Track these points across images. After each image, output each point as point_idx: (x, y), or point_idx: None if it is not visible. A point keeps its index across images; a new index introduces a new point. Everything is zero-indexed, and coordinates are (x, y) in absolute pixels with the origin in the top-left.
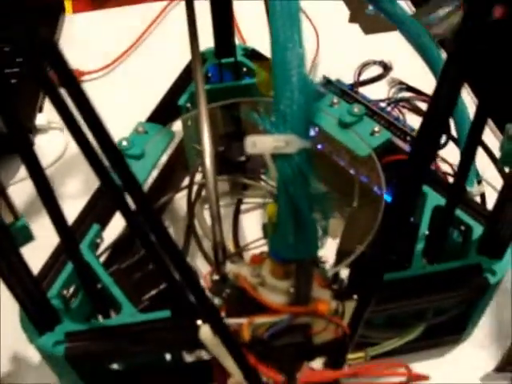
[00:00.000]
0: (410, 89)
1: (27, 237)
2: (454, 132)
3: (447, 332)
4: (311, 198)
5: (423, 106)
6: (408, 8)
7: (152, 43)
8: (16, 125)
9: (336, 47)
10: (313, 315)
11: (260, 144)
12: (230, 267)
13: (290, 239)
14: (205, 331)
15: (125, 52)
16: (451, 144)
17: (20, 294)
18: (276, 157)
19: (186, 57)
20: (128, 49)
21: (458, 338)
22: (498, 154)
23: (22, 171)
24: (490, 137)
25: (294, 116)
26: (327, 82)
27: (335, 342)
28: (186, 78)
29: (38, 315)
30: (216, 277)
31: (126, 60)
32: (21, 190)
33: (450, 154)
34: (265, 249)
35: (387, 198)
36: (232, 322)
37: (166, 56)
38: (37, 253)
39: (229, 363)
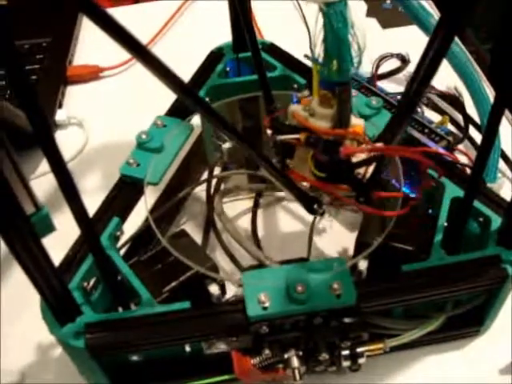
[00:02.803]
0: None
1: (49, 227)
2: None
3: (466, 324)
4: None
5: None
6: (429, 6)
7: (170, 38)
8: (39, 120)
9: None
10: (351, 136)
11: None
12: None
13: (335, 64)
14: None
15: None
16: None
17: (41, 285)
18: (326, 4)
19: (204, 51)
20: (146, 44)
21: (477, 330)
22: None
23: (43, 166)
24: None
25: None
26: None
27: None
28: (204, 73)
29: (58, 306)
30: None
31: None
32: (41, 184)
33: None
34: None
35: (405, 189)
36: (289, 137)
37: (184, 51)
38: (58, 246)
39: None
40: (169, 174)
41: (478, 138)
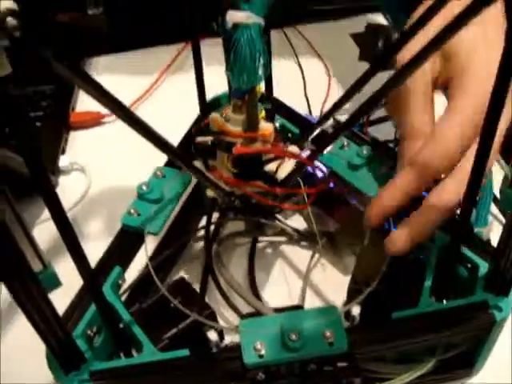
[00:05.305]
0: None
1: (55, 283)
2: None
3: (458, 366)
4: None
5: None
6: None
7: (169, 86)
8: (38, 168)
9: (347, 85)
10: (260, 138)
11: (233, 17)
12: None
13: (245, 74)
14: None
15: (143, 94)
16: None
17: (47, 336)
18: (240, 24)
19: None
20: (147, 91)
21: (469, 373)
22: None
23: (46, 212)
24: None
25: (255, 2)
26: (338, 123)
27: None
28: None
29: (63, 355)
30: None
31: (144, 103)
32: (45, 229)
33: None
34: None
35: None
36: (205, 139)
37: (183, 99)
38: (61, 291)
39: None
40: (168, 222)
41: None
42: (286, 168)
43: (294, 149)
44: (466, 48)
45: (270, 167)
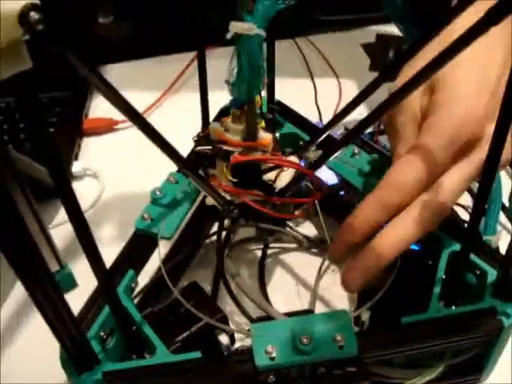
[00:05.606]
0: None
1: (71, 284)
2: None
3: (466, 372)
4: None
5: None
6: None
7: (183, 92)
8: (58, 172)
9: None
10: (259, 147)
11: (235, 27)
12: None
13: (245, 85)
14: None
15: (157, 100)
16: None
17: (62, 336)
18: (242, 34)
19: (215, 107)
20: (160, 97)
21: (478, 378)
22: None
23: (61, 215)
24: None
25: (258, 14)
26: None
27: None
28: None
29: (77, 356)
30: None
31: (158, 108)
32: (60, 233)
33: None
34: None
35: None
36: (204, 148)
37: (196, 105)
38: (76, 292)
39: None
40: (181, 227)
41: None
42: (284, 177)
43: (293, 159)
44: (455, 78)
45: (270, 176)
